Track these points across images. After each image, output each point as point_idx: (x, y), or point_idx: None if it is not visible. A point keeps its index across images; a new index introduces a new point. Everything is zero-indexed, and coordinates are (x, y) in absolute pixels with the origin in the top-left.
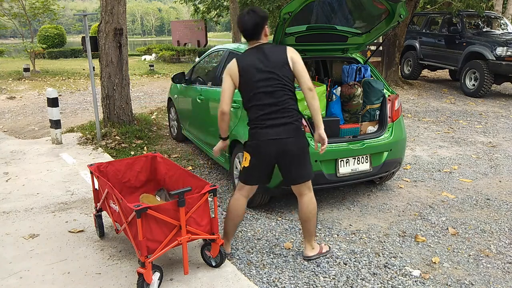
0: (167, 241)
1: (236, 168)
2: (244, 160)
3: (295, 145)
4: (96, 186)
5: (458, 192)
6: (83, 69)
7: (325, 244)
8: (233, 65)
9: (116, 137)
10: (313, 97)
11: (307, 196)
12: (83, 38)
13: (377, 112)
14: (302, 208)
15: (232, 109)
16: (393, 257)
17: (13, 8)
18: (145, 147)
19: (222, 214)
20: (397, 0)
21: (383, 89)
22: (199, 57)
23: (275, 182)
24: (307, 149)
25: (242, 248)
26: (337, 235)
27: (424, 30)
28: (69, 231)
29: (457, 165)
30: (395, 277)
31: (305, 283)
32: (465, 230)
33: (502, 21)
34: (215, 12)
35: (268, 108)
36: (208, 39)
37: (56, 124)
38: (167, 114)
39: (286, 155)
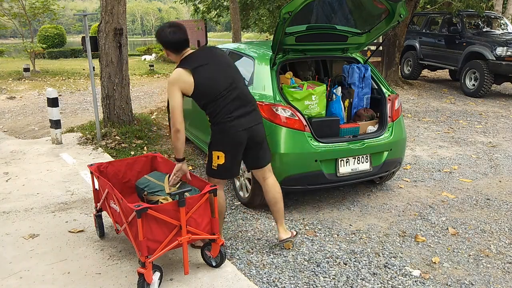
0: (167, 241)
1: None
2: (216, 159)
3: (263, 130)
4: (96, 186)
5: (458, 192)
6: (83, 69)
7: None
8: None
9: (116, 137)
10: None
11: (271, 178)
12: (83, 38)
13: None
14: (270, 191)
15: None
16: (393, 257)
17: (13, 8)
18: (145, 147)
19: None
20: (397, 0)
21: None
22: None
23: None
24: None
25: (242, 248)
26: (337, 235)
27: (424, 30)
28: (69, 231)
29: (457, 165)
30: (395, 277)
31: (305, 283)
32: (465, 230)
33: (502, 21)
34: (215, 12)
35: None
36: (208, 39)
37: (56, 124)
38: (167, 114)
39: (256, 140)
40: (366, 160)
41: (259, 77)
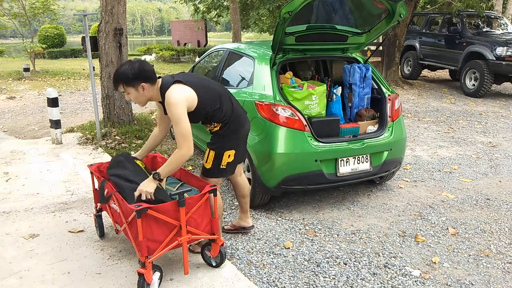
0: (167, 241)
1: None
2: (227, 157)
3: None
4: (96, 186)
5: (458, 192)
6: (83, 69)
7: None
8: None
9: (116, 137)
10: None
11: (243, 174)
12: (83, 38)
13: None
14: (245, 186)
15: None
16: (393, 257)
17: (13, 8)
18: None
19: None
20: (397, 0)
21: None
22: (199, 57)
23: (275, 182)
24: None
25: (242, 248)
26: (337, 235)
27: (424, 30)
28: (69, 231)
29: (457, 165)
30: (395, 277)
31: (305, 283)
32: (465, 230)
33: (502, 21)
34: (215, 12)
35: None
36: (208, 39)
37: (56, 124)
38: None
39: (247, 132)
40: (366, 160)
41: (259, 77)
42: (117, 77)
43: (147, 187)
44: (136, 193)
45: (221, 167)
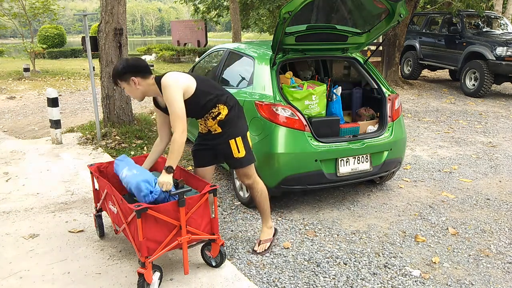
0: (167, 241)
1: None
2: (249, 139)
3: None
4: (96, 186)
5: (458, 192)
6: (83, 69)
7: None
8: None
9: (116, 137)
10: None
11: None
12: (83, 38)
13: None
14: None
15: None
16: (393, 257)
17: (13, 8)
18: (145, 147)
19: (221, 214)
20: (397, 0)
21: None
22: (199, 57)
23: (275, 182)
24: None
25: (242, 248)
26: (337, 235)
27: (424, 30)
28: (69, 231)
29: (457, 165)
30: (395, 277)
31: (305, 283)
32: (465, 230)
33: (502, 21)
34: (215, 12)
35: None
36: (208, 39)
37: (56, 124)
38: None
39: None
40: (366, 160)
41: (259, 77)
42: (112, 73)
43: (166, 180)
44: (159, 187)
45: (251, 150)
